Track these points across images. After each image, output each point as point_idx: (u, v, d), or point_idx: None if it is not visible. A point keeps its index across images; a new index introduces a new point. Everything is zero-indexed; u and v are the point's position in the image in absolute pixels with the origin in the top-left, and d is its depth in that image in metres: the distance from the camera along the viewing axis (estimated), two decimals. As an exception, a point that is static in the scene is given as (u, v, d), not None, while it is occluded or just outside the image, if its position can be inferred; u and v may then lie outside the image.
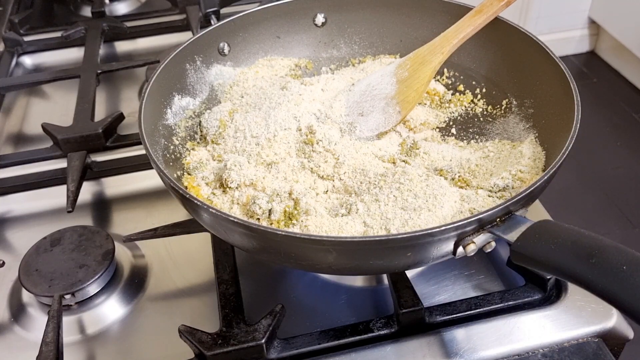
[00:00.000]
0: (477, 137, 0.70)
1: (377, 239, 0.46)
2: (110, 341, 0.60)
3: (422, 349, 0.54)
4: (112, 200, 0.76)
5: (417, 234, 0.45)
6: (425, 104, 0.74)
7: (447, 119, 0.72)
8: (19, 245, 0.71)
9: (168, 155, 0.64)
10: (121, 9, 1.20)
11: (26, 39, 1.08)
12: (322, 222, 0.55)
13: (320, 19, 0.79)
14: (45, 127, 0.79)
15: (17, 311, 0.62)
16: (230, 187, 0.59)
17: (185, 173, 0.63)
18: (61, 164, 0.77)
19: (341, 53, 0.80)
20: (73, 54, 1.06)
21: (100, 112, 0.88)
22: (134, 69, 0.97)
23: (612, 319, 0.56)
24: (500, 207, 0.46)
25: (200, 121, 0.69)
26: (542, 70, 0.65)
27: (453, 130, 0.71)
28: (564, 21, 2.68)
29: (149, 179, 0.77)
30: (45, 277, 0.61)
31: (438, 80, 0.77)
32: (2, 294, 0.64)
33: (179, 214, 0.71)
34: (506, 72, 0.71)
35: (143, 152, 0.63)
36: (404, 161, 0.65)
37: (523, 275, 0.60)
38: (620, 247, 0.41)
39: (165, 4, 1.16)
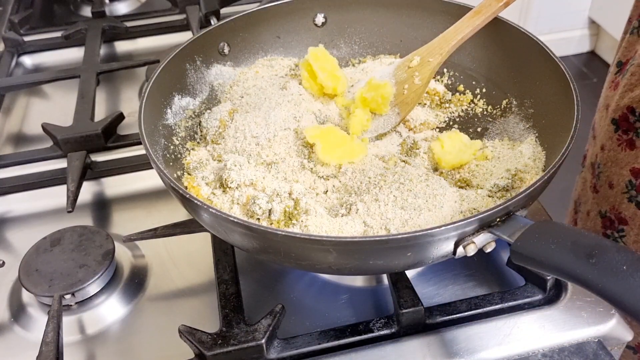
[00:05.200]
0: (477, 137, 0.70)
1: (377, 239, 0.46)
2: (110, 341, 0.60)
3: (422, 349, 0.54)
4: (112, 200, 0.76)
5: (417, 234, 0.45)
6: (425, 104, 0.74)
7: (447, 119, 0.73)
8: (19, 245, 0.71)
9: (168, 155, 0.64)
10: (121, 9, 1.20)
11: (26, 39, 1.08)
12: (322, 222, 0.55)
13: (320, 19, 0.79)
14: (45, 127, 0.79)
15: (17, 311, 0.62)
16: (230, 187, 0.59)
17: (185, 173, 0.63)
18: (61, 164, 0.77)
19: (341, 53, 0.80)
20: (73, 54, 1.06)
21: (100, 112, 0.89)
22: (134, 69, 0.97)
23: (612, 319, 0.56)
24: (500, 207, 0.46)
25: (200, 121, 0.69)
26: (542, 70, 0.65)
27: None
28: (564, 21, 2.68)
29: (149, 179, 0.77)
30: (45, 277, 0.61)
31: (438, 80, 0.77)
32: (2, 294, 0.64)
33: (179, 214, 0.71)
34: (506, 72, 0.71)
35: (143, 152, 0.63)
36: (404, 161, 0.65)
37: (523, 275, 0.60)
38: (620, 247, 0.41)
39: (165, 4, 1.16)
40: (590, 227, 0.91)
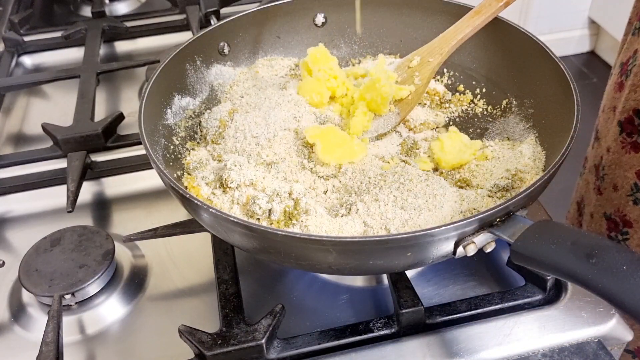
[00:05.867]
0: (477, 137, 0.70)
1: (377, 239, 0.46)
2: (110, 341, 0.60)
3: (422, 349, 0.54)
4: (112, 200, 0.76)
5: (417, 234, 0.45)
6: (425, 104, 0.74)
7: (447, 119, 0.73)
8: (19, 245, 0.71)
9: (168, 155, 0.64)
10: (121, 9, 1.20)
11: (26, 39, 1.08)
12: (322, 222, 0.55)
13: (320, 19, 0.79)
14: (45, 127, 0.79)
15: (17, 311, 0.62)
16: (230, 187, 0.59)
17: (185, 173, 0.63)
18: (61, 164, 0.77)
19: (341, 53, 0.80)
20: (73, 54, 1.06)
21: (100, 112, 0.88)
22: (134, 69, 0.97)
23: (612, 320, 0.56)
24: (500, 207, 0.46)
25: (200, 121, 0.69)
26: (542, 70, 0.65)
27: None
28: (564, 21, 2.68)
29: (149, 179, 0.77)
30: (45, 277, 0.61)
31: (438, 80, 0.77)
32: (2, 294, 0.64)
33: (179, 214, 0.71)
34: (506, 72, 0.71)
35: (143, 152, 0.63)
36: (404, 161, 0.65)
37: (523, 275, 0.60)
38: (620, 247, 0.41)
39: (165, 4, 1.16)
40: (595, 229, 0.91)
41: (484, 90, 0.74)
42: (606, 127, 0.86)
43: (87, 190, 0.77)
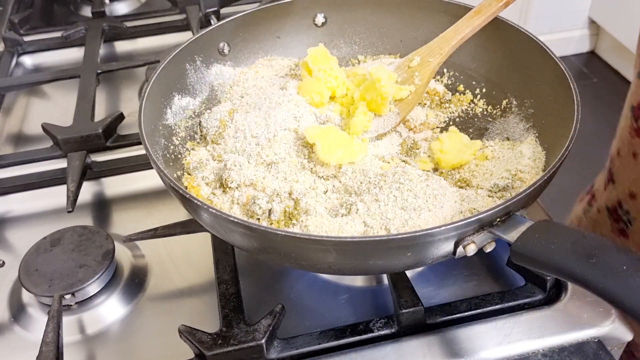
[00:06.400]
0: (477, 137, 0.70)
1: (377, 239, 0.46)
2: (110, 341, 0.60)
3: (422, 349, 0.54)
4: (112, 200, 0.77)
5: (417, 234, 0.45)
6: (425, 104, 0.74)
7: (447, 119, 0.72)
8: (19, 245, 0.71)
9: (168, 155, 0.64)
10: (121, 9, 1.20)
11: (26, 39, 1.08)
12: (322, 222, 0.55)
13: (320, 19, 0.79)
14: (45, 127, 0.79)
15: (17, 311, 0.62)
16: (230, 187, 0.59)
17: (185, 173, 0.63)
18: (61, 164, 0.77)
19: (341, 53, 0.80)
20: (73, 54, 1.06)
21: (100, 112, 0.89)
22: (134, 69, 0.97)
23: (612, 320, 0.56)
24: (500, 207, 0.46)
25: (200, 121, 0.69)
26: (542, 70, 0.65)
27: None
28: (564, 21, 2.69)
29: (149, 179, 0.77)
30: (45, 277, 0.61)
31: (438, 80, 0.77)
32: (2, 294, 0.64)
33: (179, 214, 0.71)
34: (506, 72, 0.71)
35: (143, 152, 0.63)
36: (404, 161, 0.65)
37: (523, 275, 0.60)
38: (620, 247, 0.41)
39: (165, 4, 1.16)
40: None
41: (484, 90, 0.74)
42: (625, 173, 0.82)
43: (87, 190, 0.77)
